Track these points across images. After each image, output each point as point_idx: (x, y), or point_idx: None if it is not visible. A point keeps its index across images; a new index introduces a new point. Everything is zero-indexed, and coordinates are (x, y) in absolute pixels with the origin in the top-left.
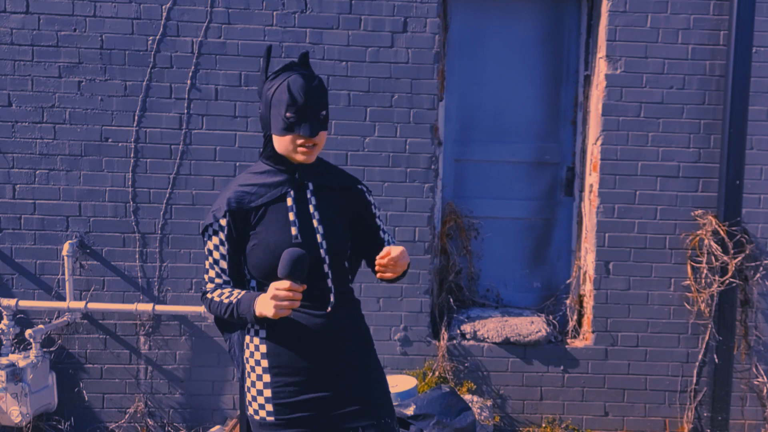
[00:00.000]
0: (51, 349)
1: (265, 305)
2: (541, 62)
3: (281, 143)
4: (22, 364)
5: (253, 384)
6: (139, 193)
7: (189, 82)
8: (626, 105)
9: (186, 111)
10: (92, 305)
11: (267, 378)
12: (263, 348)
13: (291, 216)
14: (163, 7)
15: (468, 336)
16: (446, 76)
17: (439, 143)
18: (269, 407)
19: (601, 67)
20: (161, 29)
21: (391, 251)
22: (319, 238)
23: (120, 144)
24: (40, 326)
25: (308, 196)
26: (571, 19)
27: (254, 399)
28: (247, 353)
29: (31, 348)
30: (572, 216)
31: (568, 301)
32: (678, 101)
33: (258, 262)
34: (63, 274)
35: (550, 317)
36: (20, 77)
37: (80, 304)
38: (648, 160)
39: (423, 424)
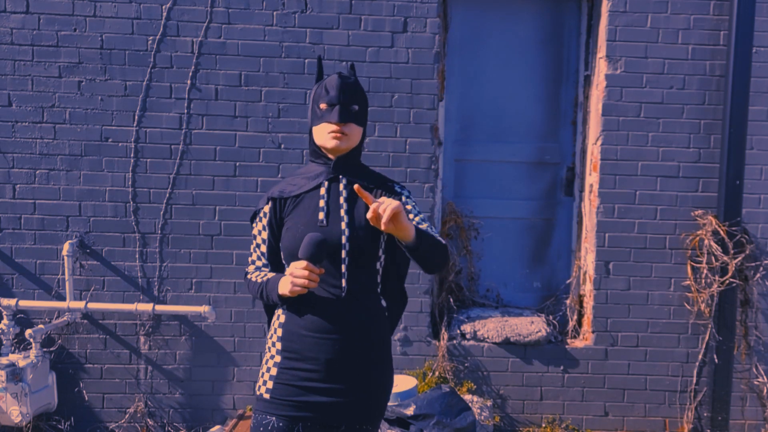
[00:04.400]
0: (51, 349)
1: (283, 284)
2: (541, 62)
3: (317, 133)
4: (22, 364)
5: (266, 362)
6: (139, 193)
7: (189, 82)
8: (626, 105)
9: (186, 111)
10: (92, 305)
11: (278, 359)
12: (280, 332)
13: (321, 203)
14: (163, 7)
15: (468, 336)
16: (446, 76)
17: (439, 143)
18: (270, 384)
19: (601, 67)
20: (161, 29)
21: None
22: (343, 225)
23: (120, 144)
24: (40, 326)
25: (341, 188)
26: (571, 19)
27: (262, 375)
28: (270, 333)
29: (31, 348)
30: (572, 216)
31: (568, 301)
32: (678, 101)
33: (287, 244)
34: (63, 274)
35: (550, 317)
36: (20, 77)
37: (80, 304)
38: (648, 160)
39: (423, 424)
